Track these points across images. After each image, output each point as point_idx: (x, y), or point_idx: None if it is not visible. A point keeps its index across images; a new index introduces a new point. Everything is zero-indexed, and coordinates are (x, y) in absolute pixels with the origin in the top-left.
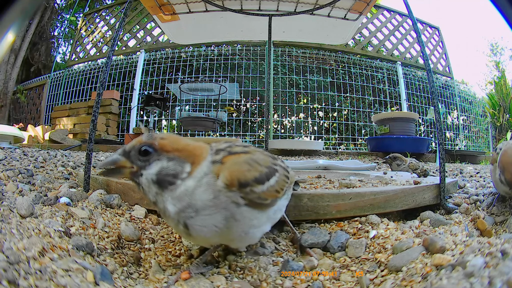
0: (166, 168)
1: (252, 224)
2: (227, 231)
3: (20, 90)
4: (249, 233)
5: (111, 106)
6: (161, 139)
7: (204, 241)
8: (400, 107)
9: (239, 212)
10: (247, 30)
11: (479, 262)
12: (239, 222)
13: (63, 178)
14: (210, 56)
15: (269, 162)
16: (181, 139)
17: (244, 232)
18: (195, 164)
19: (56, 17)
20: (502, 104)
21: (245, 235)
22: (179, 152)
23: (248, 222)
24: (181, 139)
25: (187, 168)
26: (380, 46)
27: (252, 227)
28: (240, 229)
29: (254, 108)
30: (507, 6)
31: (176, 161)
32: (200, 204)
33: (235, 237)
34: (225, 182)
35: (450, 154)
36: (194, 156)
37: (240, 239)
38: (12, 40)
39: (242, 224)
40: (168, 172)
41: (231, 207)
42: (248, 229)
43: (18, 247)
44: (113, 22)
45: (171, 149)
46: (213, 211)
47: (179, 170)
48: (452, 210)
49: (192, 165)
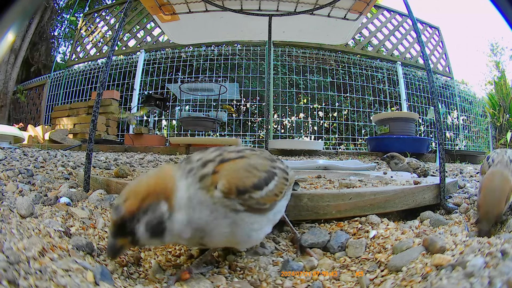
0: (148, 222)
1: (253, 228)
2: (232, 236)
3: (20, 90)
4: (252, 236)
5: (111, 106)
6: (124, 202)
7: (215, 247)
8: (400, 107)
9: (239, 218)
10: (247, 30)
11: (479, 262)
12: (240, 227)
13: (63, 178)
14: (210, 56)
15: (267, 166)
16: (139, 184)
17: (247, 235)
18: (169, 198)
19: (56, 17)
20: (502, 104)
21: (248, 238)
22: (144, 201)
23: (249, 226)
24: (139, 185)
25: (164, 208)
26: (380, 46)
27: (254, 230)
28: (243, 233)
29: (254, 108)
30: (507, 6)
31: (150, 211)
32: (203, 224)
33: (239, 240)
34: (223, 190)
35: (450, 154)
36: (162, 192)
37: (244, 242)
38: (12, 40)
39: (244, 229)
40: (152, 224)
41: (231, 214)
42: (250, 232)
43: (18, 247)
44: (113, 22)
45: (137, 204)
46: (217, 223)
47: (159, 215)
48: (452, 210)
49: (166, 201)
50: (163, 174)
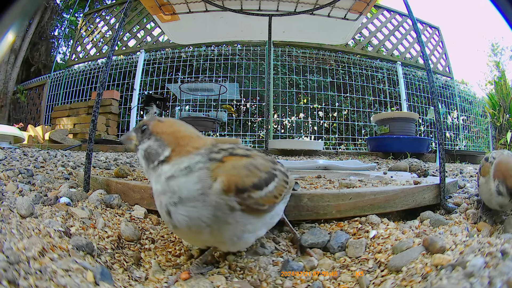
0: (150, 147)
1: (246, 229)
2: (218, 232)
3: (20, 90)
4: (242, 237)
5: (111, 106)
6: (157, 121)
7: (193, 238)
8: (400, 107)
9: (232, 216)
10: (247, 30)
11: (479, 262)
12: (231, 225)
13: (63, 178)
14: (210, 56)
15: (268, 167)
16: (180, 126)
17: (237, 236)
18: (176, 152)
19: (56, 17)
20: (502, 104)
21: (237, 239)
22: (165, 135)
23: (241, 227)
24: (179, 126)
25: (166, 153)
26: (380, 46)
27: (246, 232)
28: (231, 233)
29: (254, 108)
30: (507, 6)
31: (159, 143)
32: (185, 193)
33: (226, 239)
34: (222, 187)
35: (450, 154)
36: (178, 144)
37: (232, 243)
38: (12, 40)
39: (234, 228)
40: (151, 151)
41: (224, 209)
42: (241, 233)
43: (18, 247)
44: (113, 22)
45: (160, 131)
46: (200, 205)
47: (159, 151)
48: (452, 210)
49: (172, 152)
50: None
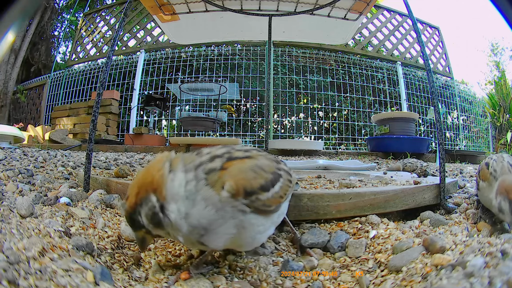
0: (146, 215)
1: (259, 230)
2: (237, 238)
3: (20, 90)
4: (256, 238)
5: (111, 106)
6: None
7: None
8: (400, 107)
9: (246, 220)
10: (247, 30)
11: (479, 262)
12: (246, 229)
13: (63, 178)
14: (210, 56)
15: (273, 168)
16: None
17: (251, 237)
18: (157, 191)
19: (56, 17)
20: (502, 104)
21: (252, 240)
22: (138, 196)
23: (255, 228)
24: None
25: (153, 199)
26: (380, 46)
27: (259, 232)
28: (248, 235)
29: (254, 108)
30: (507, 6)
31: (144, 204)
32: (205, 222)
33: (243, 243)
34: (230, 191)
35: (450, 154)
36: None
37: (248, 244)
38: (12, 40)
39: (250, 231)
40: (149, 216)
41: (238, 215)
42: (255, 234)
43: (18, 247)
44: (113, 22)
45: (134, 200)
46: (222, 222)
47: (152, 206)
48: (452, 210)
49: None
50: (152, 167)
